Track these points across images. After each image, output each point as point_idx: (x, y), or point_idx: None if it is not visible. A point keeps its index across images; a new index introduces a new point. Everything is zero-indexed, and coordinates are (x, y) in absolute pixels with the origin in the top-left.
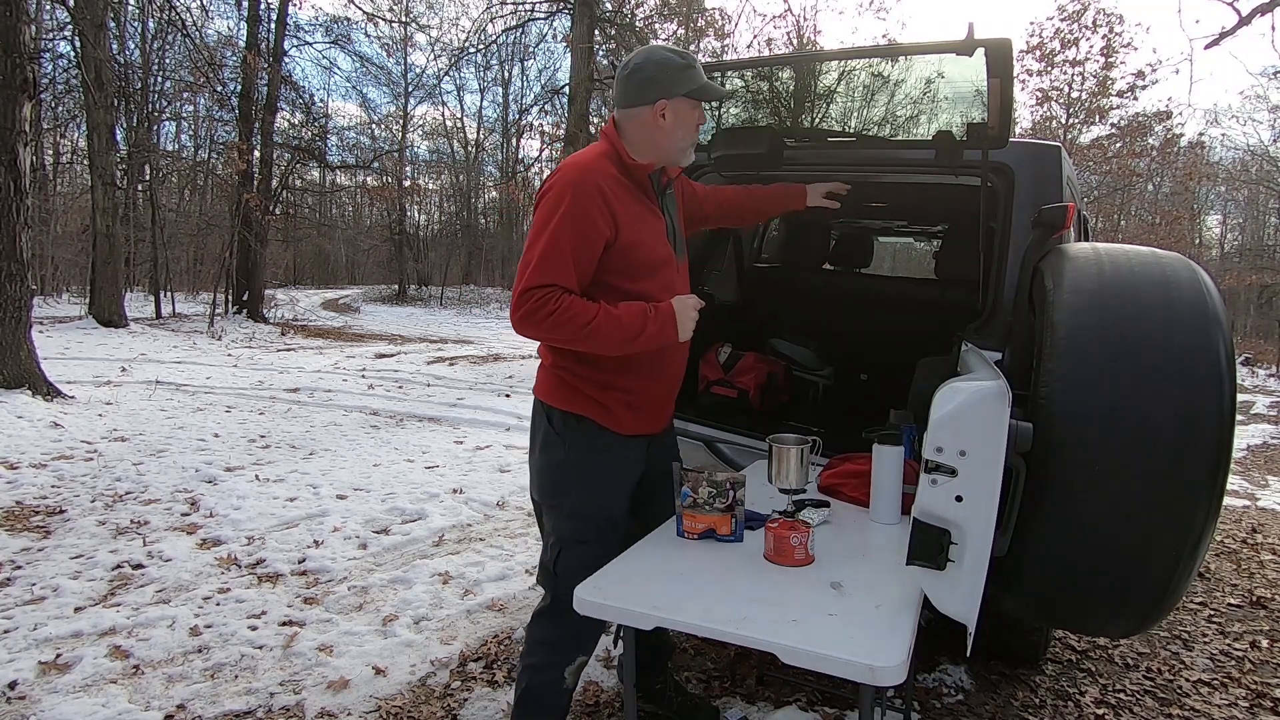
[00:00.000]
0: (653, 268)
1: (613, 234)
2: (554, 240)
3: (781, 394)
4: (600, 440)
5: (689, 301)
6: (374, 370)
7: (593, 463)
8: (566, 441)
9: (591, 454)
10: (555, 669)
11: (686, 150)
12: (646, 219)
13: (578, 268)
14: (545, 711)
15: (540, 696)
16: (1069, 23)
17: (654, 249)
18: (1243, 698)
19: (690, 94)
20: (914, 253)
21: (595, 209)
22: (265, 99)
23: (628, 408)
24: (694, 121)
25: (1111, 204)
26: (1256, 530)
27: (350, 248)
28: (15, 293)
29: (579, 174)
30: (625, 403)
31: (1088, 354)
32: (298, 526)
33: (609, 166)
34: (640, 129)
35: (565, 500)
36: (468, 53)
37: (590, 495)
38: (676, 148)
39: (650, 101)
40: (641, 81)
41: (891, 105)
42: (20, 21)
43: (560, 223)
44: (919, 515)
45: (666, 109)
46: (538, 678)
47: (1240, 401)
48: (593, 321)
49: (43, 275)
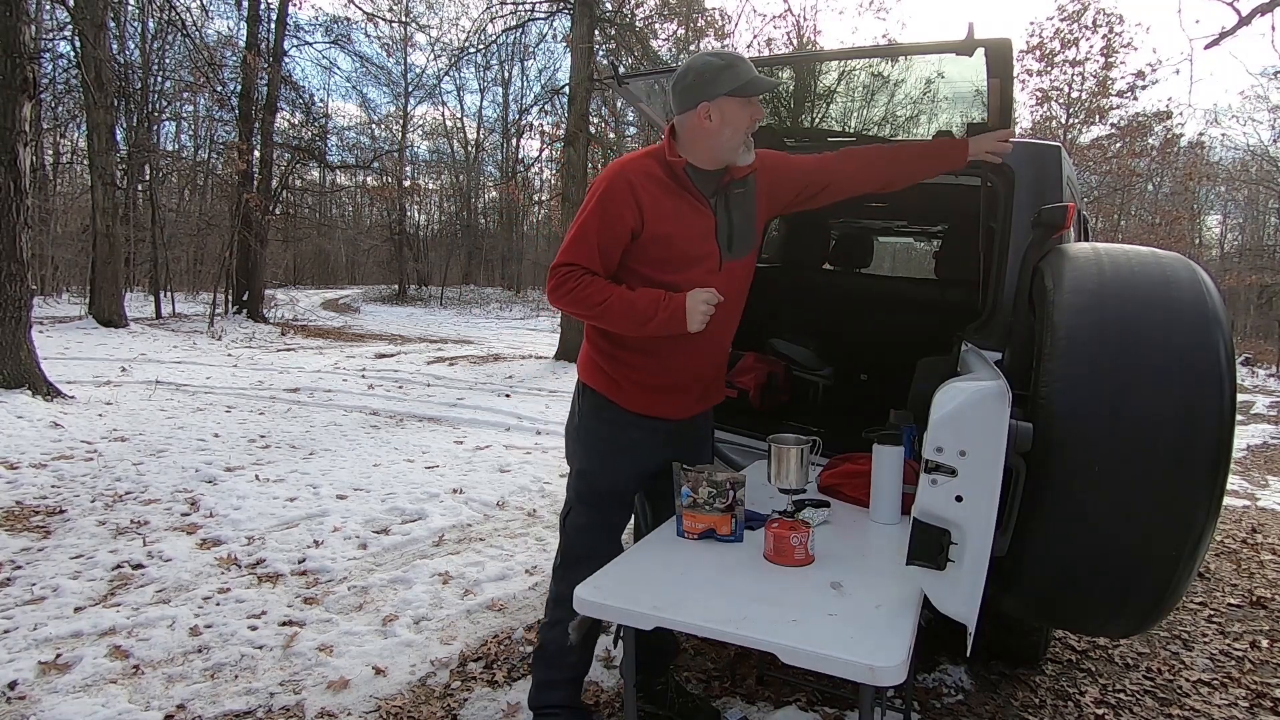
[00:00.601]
0: (685, 263)
1: (639, 225)
2: (583, 225)
3: (781, 394)
4: (606, 413)
5: (702, 295)
6: (374, 370)
7: (598, 432)
8: (582, 410)
9: (598, 424)
10: (563, 625)
11: (738, 149)
12: (685, 215)
13: (602, 252)
14: (557, 668)
15: (552, 652)
16: (1069, 23)
17: (687, 245)
18: (1243, 698)
19: (732, 92)
20: (914, 253)
21: (622, 200)
22: (265, 99)
23: (639, 386)
24: (744, 119)
25: (1111, 204)
26: (1256, 530)
27: (350, 248)
28: (15, 293)
29: (618, 169)
30: (636, 381)
31: (1088, 354)
32: (298, 526)
33: (651, 164)
34: (690, 133)
35: (575, 462)
36: (468, 53)
37: (592, 464)
38: (727, 146)
39: (692, 106)
40: (684, 89)
41: (891, 105)
42: (20, 21)
43: (591, 210)
44: (919, 515)
45: (710, 110)
46: (549, 634)
47: (1240, 401)
48: (606, 301)
49: (43, 275)
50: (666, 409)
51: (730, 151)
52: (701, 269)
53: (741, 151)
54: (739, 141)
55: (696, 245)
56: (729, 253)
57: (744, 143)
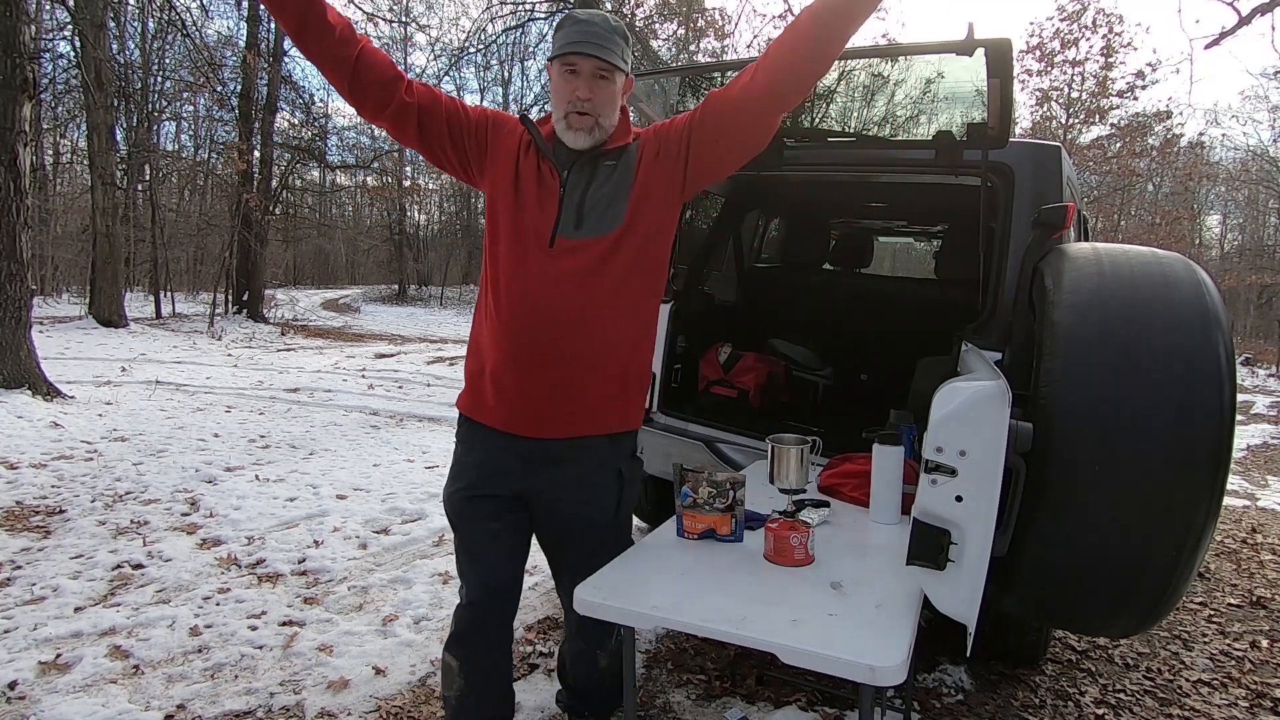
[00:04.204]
0: (512, 233)
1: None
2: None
3: (781, 394)
4: (464, 428)
5: None
6: (374, 370)
7: (459, 450)
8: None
9: (460, 442)
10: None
11: (560, 121)
12: (526, 178)
13: (444, 106)
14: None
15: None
16: (1069, 23)
17: (513, 213)
18: (1243, 698)
19: (551, 57)
20: (914, 253)
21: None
22: (265, 99)
23: (496, 392)
24: (562, 90)
25: (1111, 204)
26: (1256, 530)
27: (350, 248)
28: (15, 293)
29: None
30: (494, 386)
31: (1088, 354)
32: (298, 526)
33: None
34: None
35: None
36: (468, 53)
37: (450, 480)
38: (555, 118)
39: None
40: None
41: (891, 105)
42: (20, 21)
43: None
44: (919, 515)
45: (550, 73)
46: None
47: (1240, 401)
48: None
49: (43, 275)
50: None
51: (556, 122)
52: (532, 246)
53: (562, 129)
54: (560, 113)
55: (520, 216)
56: (575, 230)
57: (565, 119)
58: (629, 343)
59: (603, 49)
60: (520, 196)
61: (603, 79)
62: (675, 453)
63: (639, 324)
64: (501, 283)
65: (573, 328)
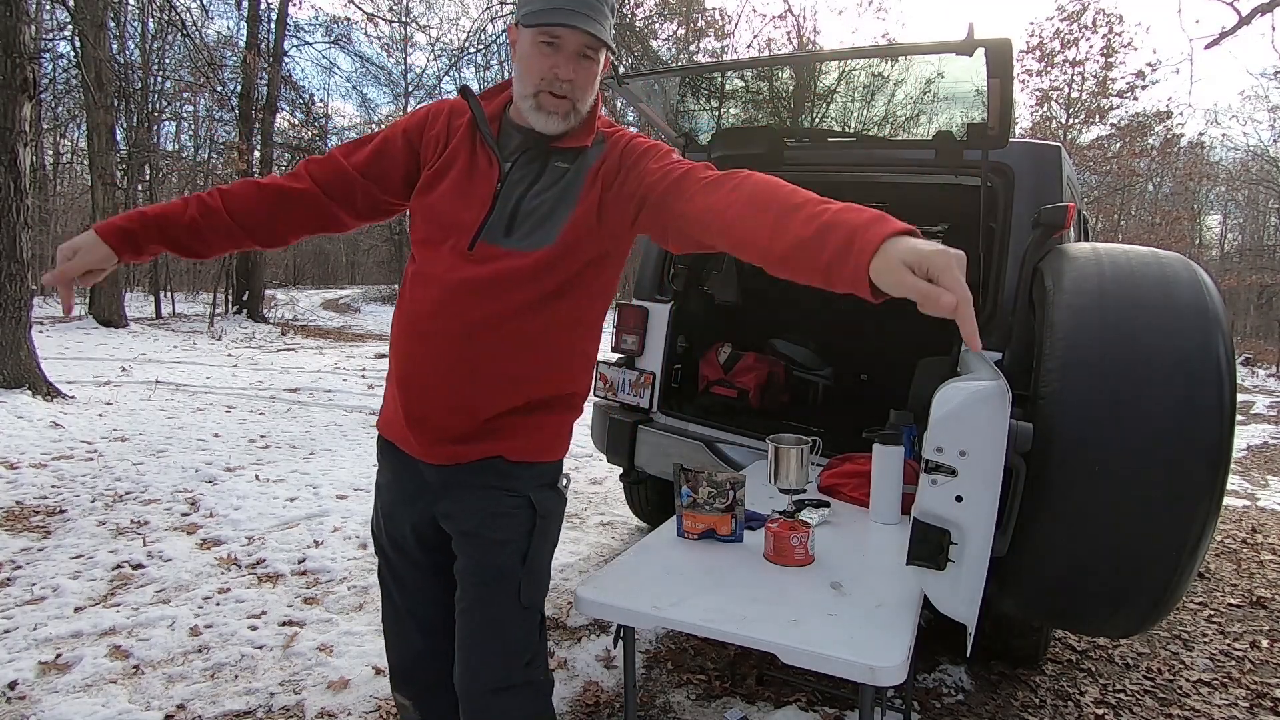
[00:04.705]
0: (436, 230)
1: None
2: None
3: (781, 394)
4: (380, 450)
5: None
6: (374, 370)
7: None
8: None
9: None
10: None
11: (526, 99)
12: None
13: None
14: None
15: None
16: (1069, 23)
17: (433, 203)
18: (1243, 698)
19: (523, 19)
20: None
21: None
22: (265, 99)
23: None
24: (535, 63)
25: (1111, 204)
26: (1256, 530)
27: (350, 248)
28: (15, 293)
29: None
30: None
31: (1088, 354)
32: (298, 526)
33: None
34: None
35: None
36: (467, 53)
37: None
38: (519, 92)
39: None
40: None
41: (891, 105)
42: (20, 21)
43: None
44: (919, 515)
45: (513, 33)
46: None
47: (1240, 401)
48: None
49: (43, 275)
50: (419, 446)
51: (521, 99)
52: (447, 245)
53: (530, 108)
54: (528, 89)
55: (450, 206)
56: (503, 237)
57: (534, 97)
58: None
59: (592, 20)
60: (445, 184)
61: (587, 58)
62: (675, 453)
63: (557, 353)
64: (408, 281)
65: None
